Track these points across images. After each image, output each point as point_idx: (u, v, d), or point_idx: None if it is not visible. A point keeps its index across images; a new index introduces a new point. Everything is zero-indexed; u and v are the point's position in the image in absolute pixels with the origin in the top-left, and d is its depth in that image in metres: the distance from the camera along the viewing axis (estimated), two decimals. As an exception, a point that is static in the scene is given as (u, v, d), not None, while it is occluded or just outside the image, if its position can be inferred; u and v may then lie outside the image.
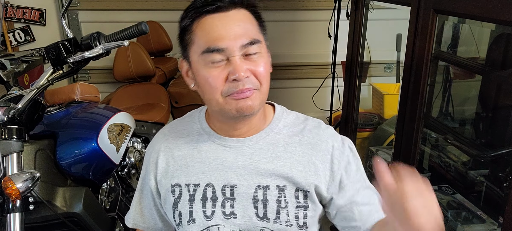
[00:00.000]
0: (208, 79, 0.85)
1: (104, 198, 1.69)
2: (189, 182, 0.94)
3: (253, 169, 0.91)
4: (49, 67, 1.33)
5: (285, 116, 0.98)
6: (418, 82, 1.43)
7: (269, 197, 0.89)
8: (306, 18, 3.30)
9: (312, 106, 2.95)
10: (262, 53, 0.87)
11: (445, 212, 1.63)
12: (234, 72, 0.82)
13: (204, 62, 0.85)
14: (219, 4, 0.83)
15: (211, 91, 0.86)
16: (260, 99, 0.87)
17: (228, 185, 0.91)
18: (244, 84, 0.83)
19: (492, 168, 1.64)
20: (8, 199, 1.20)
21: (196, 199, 0.92)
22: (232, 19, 0.84)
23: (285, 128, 0.96)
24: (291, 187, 0.90)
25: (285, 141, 0.93)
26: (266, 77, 0.88)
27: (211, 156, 0.94)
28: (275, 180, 0.90)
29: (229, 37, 0.83)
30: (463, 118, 2.01)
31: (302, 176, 0.90)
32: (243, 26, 0.85)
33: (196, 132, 0.98)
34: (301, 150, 0.92)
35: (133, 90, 2.54)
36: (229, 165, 0.92)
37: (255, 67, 0.85)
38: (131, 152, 1.87)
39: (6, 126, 1.23)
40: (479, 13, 1.14)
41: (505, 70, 1.66)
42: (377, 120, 2.58)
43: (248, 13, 0.88)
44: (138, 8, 3.14)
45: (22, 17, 3.05)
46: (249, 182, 0.90)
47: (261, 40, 0.87)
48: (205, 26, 0.84)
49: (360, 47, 2.02)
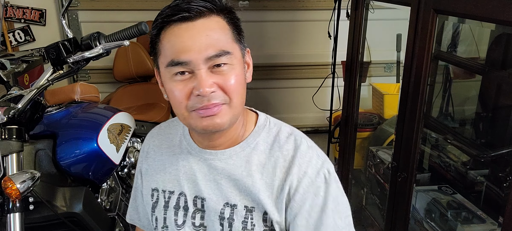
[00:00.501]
0: (174, 92, 0.80)
1: (104, 198, 1.68)
2: (165, 188, 0.93)
3: (224, 184, 0.87)
4: (49, 67, 1.33)
5: (267, 130, 0.90)
6: (418, 82, 1.43)
7: (235, 216, 0.85)
8: (306, 18, 3.30)
9: (312, 106, 2.95)
10: (233, 65, 0.80)
11: (445, 212, 1.63)
12: (198, 87, 0.76)
13: (170, 74, 0.80)
14: (184, 14, 0.77)
15: (176, 105, 0.81)
16: (231, 115, 0.81)
17: (199, 197, 0.89)
18: (210, 99, 0.77)
19: (492, 168, 1.64)
20: (8, 199, 1.20)
21: (170, 206, 0.92)
22: (198, 30, 0.77)
23: (263, 143, 0.88)
24: (259, 210, 0.84)
25: (260, 160, 0.87)
26: (238, 90, 0.80)
27: (186, 165, 0.91)
28: (243, 200, 0.85)
29: (193, 49, 0.76)
30: (463, 118, 2.01)
31: (269, 202, 0.84)
32: (211, 37, 0.77)
33: (178, 138, 0.96)
34: (273, 172, 0.85)
35: (133, 90, 2.54)
36: (201, 177, 0.89)
37: (223, 81, 0.78)
38: (131, 152, 1.87)
39: (6, 126, 1.24)
40: (479, 13, 1.14)
41: (505, 70, 1.66)
42: (377, 120, 2.58)
43: (221, 20, 0.80)
44: (138, 8, 3.14)
45: (22, 17, 3.05)
46: (218, 197, 0.87)
47: (232, 51, 0.80)
48: (171, 37, 0.78)
49: (360, 47, 2.02)
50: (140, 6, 3.14)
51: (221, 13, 0.81)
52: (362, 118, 2.57)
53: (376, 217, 2.03)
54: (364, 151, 2.45)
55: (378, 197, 2.10)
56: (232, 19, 0.83)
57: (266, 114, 0.94)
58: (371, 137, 2.47)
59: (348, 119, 2.17)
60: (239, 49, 0.83)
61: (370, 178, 2.20)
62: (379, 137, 2.35)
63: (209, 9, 0.79)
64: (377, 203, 2.09)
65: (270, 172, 0.85)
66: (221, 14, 0.81)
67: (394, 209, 1.65)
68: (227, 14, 0.82)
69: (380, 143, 2.26)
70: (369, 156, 2.21)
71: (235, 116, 0.82)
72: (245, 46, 0.86)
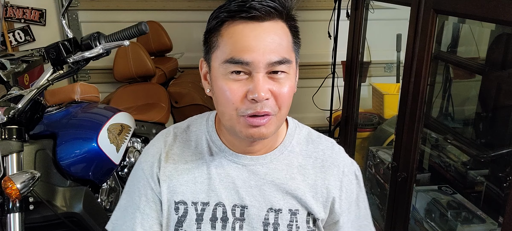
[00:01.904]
0: (226, 92, 0.76)
1: (104, 198, 1.69)
2: (196, 200, 0.86)
3: (267, 189, 0.85)
4: (49, 67, 1.33)
5: (298, 132, 0.92)
6: (418, 82, 1.43)
7: (280, 221, 0.85)
8: (306, 18, 3.29)
9: (312, 106, 2.95)
10: (289, 75, 0.78)
11: (445, 212, 1.63)
12: (254, 91, 0.73)
13: (225, 71, 0.76)
14: (255, 13, 0.74)
15: (226, 105, 0.77)
16: (276, 126, 0.80)
17: (239, 205, 0.85)
18: (263, 106, 0.75)
19: (492, 168, 1.64)
20: (8, 199, 1.21)
21: (205, 219, 0.85)
22: (265, 31, 0.75)
23: (298, 145, 0.90)
24: (303, 212, 0.86)
25: (299, 161, 0.88)
26: (288, 101, 0.79)
27: (221, 172, 0.86)
28: (288, 203, 0.85)
29: (257, 50, 0.73)
30: (463, 118, 2.01)
31: (314, 202, 0.86)
32: (276, 41, 0.75)
33: (205, 144, 0.89)
34: (314, 173, 0.88)
35: (133, 90, 2.54)
36: (241, 184, 0.85)
37: (278, 88, 0.76)
38: (131, 152, 1.87)
39: (6, 126, 1.24)
40: (479, 13, 1.14)
41: (505, 70, 1.66)
42: (377, 120, 2.58)
43: (285, 27, 0.78)
44: (138, 8, 3.14)
45: (22, 17, 3.05)
46: (261, 203, 0.85)
47: (291, 60, 0.78)
48: (235, 33, 0.75)
49: (360, 47, 2.02)
50: (140, 6, 3.14)
51: (286, 19, 0.79)
52: (362, 118, 2.57)
53: (376, 217, 2.03)
54: (364, 151, 2.45)
55: (378, 197, 2.10)
56: (293, 27, 0.81)
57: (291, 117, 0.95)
58: (371, 137, 2.47)
59: (348, 119, 2.17)
60: (295, 58, 0.81)
61: (370, 178, 2.20)
62: (379, 137, 2.35)
63: (279, 12, 0.76)
64: (377, 203, 2.09)
65: (311, 173, 0.88)
66: (286, 20, 0.79)
67: (394, 209, 1.65)
68: (291, 21, 0.80)
69: (380, 143, 2.26)
70: (369, 156, 2.21)
71: (278, 127, 0.82)
72: (298, 57, 0.84)
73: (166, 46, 2.97)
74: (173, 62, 2.98)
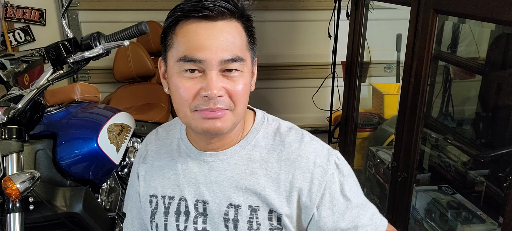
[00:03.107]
0: (179, 89, 0.78)
1: (104, 198, 1.68)
2: (164, 194, 0.91)
3: (226, 185, 0.86)
4: (49, 67, 1.33)
5: (266, 126, 0.90)
6: (418, 82, 1.43)
7: (240, 217, 0.84)
8: (306, 18, 3.30)
9: (312, 106, 2.95)
10: (243, 73, 0.79)
11: (445, 212, 1.63)
12: (207, 88, 0.75)
13: (179, 70, 0.78)
14: (207, 12, 0.75)
15: (180, 102, 0.80)
16: (233, 121, 0.80)
17: (201, 201, 0.88)
18: (215, 103, 0.76)
19: (492, 168, 1.64)
20: (8, 199, 1.21)
21: (171, 212, 0.90)
22: (218, 30, 0.76)
23: (264, 139, 0.88)
24: (264, 208, 0.84)
25: (262, 156, 0.86)
26: (243, 98, 0.80)
27: (186, 168, 0.90)
28: (247, 199, 0.85)
29: (210, 49, 0.75)
30: (463, 118, 2.01)
31: (276, 197, 0.83)
32: (229, 40, 0.76)
33: (176, 142, 0.94)
34: (278, 166, 0.85)
35: (133, 90, 2.54)
36: (202, 179, 0.88)
37: (232, 86, 0.78)
38: (131, 152, 1.87)
39: (6, 126, 1.24)
40: (479, 13, 1.14)
41: (505, 70, 1.66)
42: (377, 120, 2.58)
43: (239, 26, 0.80)
44: (138, 8, 3.14)
45: (22, 17, 3.05)
46: (221, 199, 0.86)
47: (245, 59, 0.79)
48: (188, 32, 0.77)
49: (360, 47, 2.02)
50: (140, 6, 3.14)
51: (240, 19, 0.80)
52: (362, 118, 2.57)
53: (376, 217, 2.03)
54: (364, 151, 2.45)
55: (378, 197, 2.10)
56: (248, 26, 0.82)
57: (263, 111, 0.94)
58: (371, 137, 2.47)
59: (348, 118, 2.17)
60: (250, 57, 0.82)
61: (370, 178, 2.20)
62: (379, 137, 2.35)
63: (232, 12, 0.78)
64: (377, 203, 2.09)
65: (274, 166, 0.85)
66: (240, 20, 0.80)
67: (394, 209, 1.65)
68: (245, 21, 0.81)
69: (380, 143, 2.26)
70: (369, 156, 2.21)
71: (235, 123, 0.82)
72: (255, 56, 0.85)
73: (166, 46, 2.96)
74: (173, 62, 2.98)
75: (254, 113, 0.93)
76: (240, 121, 0.84)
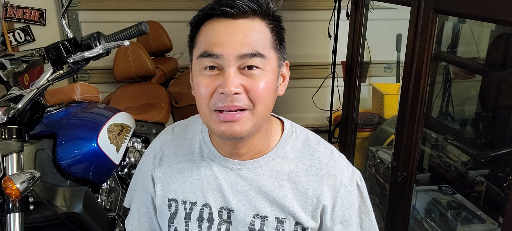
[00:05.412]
0: (199, 87, 0.77)
1: (104, 198, 1.68)
2: (185, 199, 0.88)
3: (253, 195, 0.84)
4: (49, 67, 1.33)
5: (295, 137, 0.88)
6: (418, 82, 1.43)
7: (266, 228, 0.83)
8: (306, 18, 3.30)
9: (312, 106, 2.95)
10: (265, 71, 0.76)
11: (445, 212, 1.63)
12: (223, 85, 0.73)
13: (199, 67, 0.77)
14: (227, 10, 0.74)
15: (199, 100, 0.78)
16: (253, 123, 0.77)
17: (225, 208, 0.85)
18: (233, 101, 0.73)
19: (492, 168, 1.64)
20: (8, 199, 1.20)
21: (192, 218, 0.87)
22: (238, 27, 0.75)
23: (292, 151, 0.86)
24: (291, 221, 0.83)
25: (290, 168, 0.85)
26: (264, 98, 0.76)
27: (210, 174, 0.87)
28: (274, 211, 0.84)
29: (228, 44, 0.73)
30: (463, 118, 2.01)
31: (302, 211, 0.83)
32: (249, 37, 0.74)
33: (198, 145, 0.90)
34: (306, 180, 0.84)
35: (133, 90, 2.54)
36: (228, 187, 0.85)
37: (250, 84, 0.74)
38: (131, 152, 1.87)
39: (6, 126, 1.24)
40: (479, 13, 1.14)
41: (505, 70, 1.66)
42: (377, 120, 2.58)
43: (264, 25, 0.77)
44: (138, 8, 3.14)
45: (22, 17, 3.05)
46: (247, 208, 0.84)
47: (266, 56, 0.76)
48: (209, 30, 0.76)
49: (360, 47, 2.02)
50: (140, 6, 3.14)
51: (266, 18, 0.78)
52: (362, 118, 2.57)
53: (376, 217, 2.03)
54: (364, 151, 2.46)
55: (378, 197, 2.10)
56: (276, 27, 0.80)
57: (290, 121, 0.92)
58: (371, 137, 2.47)
59: (348, 118, 2.17)
60: (276, 57, 0.80)
61: (370, 178, 2.20)
62: (379, 137, 2.35)
63: (254, 10, 0.76)
64: (377, 203, 2.09)
65: (303, 181, 0.84)
66: (265, 19, 0.78)
67: (394, 209, 1.65)
68: (272, 21, 0.79)
69: (380, 143, 2.26)
70: (369, 156, 2.21)
71: (256, 125, 0.78)
72: (284, 58, 0.83)
73: (166, 46, 2.97)
74: (173, 62, 2.98)
75: (281, 123, 0.91)
76: (262, 124, 0.80)
